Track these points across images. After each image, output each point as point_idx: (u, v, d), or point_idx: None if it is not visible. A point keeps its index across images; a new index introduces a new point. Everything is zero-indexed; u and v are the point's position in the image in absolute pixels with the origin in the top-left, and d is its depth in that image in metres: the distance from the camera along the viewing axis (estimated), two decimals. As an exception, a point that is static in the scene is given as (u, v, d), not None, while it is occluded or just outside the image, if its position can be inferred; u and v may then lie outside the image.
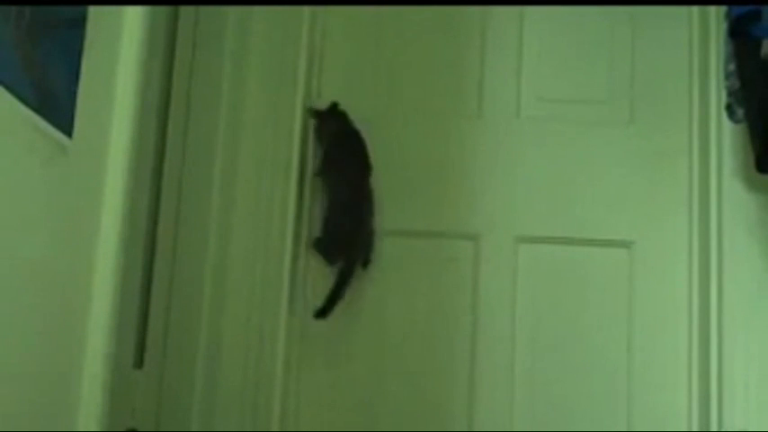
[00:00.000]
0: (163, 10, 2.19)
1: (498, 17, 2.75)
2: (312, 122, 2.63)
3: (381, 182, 2.65)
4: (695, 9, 2.68)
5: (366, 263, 2.60)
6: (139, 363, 2.16)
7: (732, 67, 2.36)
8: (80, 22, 1.52)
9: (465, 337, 2.60)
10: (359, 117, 2.65)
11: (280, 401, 2.50)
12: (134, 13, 1.71)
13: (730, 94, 2.39)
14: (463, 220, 2.66)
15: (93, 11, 1.55)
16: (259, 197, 2.47)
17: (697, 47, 2.66)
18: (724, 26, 2.38)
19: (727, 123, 2.48)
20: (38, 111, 1.39)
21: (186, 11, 2.34)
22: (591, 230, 2.63)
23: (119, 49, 1.68)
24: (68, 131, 1.50)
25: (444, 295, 2.63)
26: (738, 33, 2.29)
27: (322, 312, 2.52)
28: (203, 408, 2.28)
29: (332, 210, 2.58)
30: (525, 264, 2.63)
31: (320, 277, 2.60)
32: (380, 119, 2.69)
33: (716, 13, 2.55)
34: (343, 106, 2.66)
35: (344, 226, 2.57)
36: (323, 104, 2.64)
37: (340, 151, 2.61)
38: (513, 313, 2.60)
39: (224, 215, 2.37)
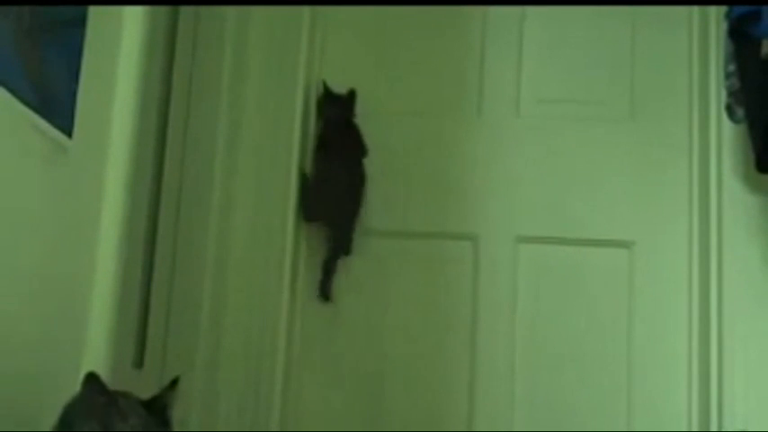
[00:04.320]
0: (163, 10, 2.19)
1: (498, 17, 2.75)
2: (318, 99, 2.66)
3: (381, 182, 2.65)
4: (695, 9, 2.68)
5: (347, 251, 2.61)
6: (139, 363, 2.15)
7: (732, 67, 2.37)
8: (80, 22, 1.53)
9: (465, 337, 2.60)
10: (359, 117, 2.66)
11: (280, 402, 2.50)
12: (134, 13, 1.71)
13: (730, 94, 2.40)
14: (463, 221, 2.66)
15: (93, 11, 1.55)
16: (259, 197, 2.47)
17: (697, 47, 2.66)
18: (724, 26, 2.38)
19: (727, 123, 2.48)
20: (38, 111, 1.39)
21: (186, 11, 2.33)
22: (591, 230, 2.63)
23: (119, 49, 1.68)
24: (68, 131, 1.50)
25: (444, 296, 2.63)
26: (738, 33, 2.29)
27: (323, 293, 2.57)
28: (203, 408, 2.28)
29: (317, 177, 2.60)
30: (525, 264, 2.63)
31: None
32: (380, 119, 2.69)
33: (716, 14, 2.55)
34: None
35: (328, 186, 2.59)
36: (340, 88, 2.64)
37: (333, 135, 2.63)
38: (513, 313, 2.60)
39: (224, 215, 2.37)
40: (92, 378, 1.23)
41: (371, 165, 2.64)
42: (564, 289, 2.61)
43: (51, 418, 1.24)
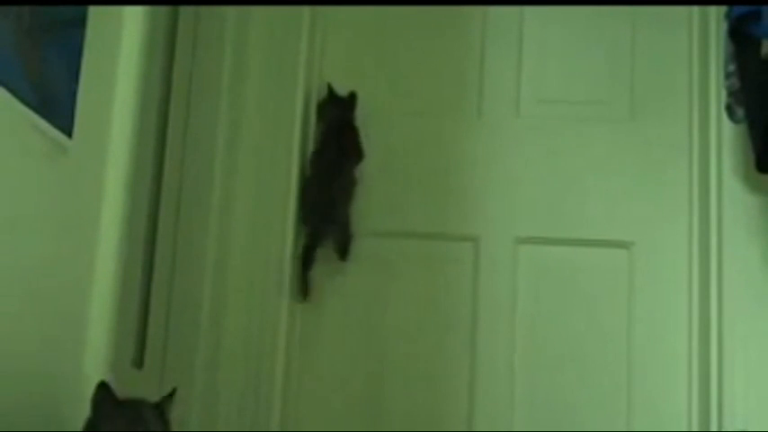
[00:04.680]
0: (163, 10, 2.19)
1: (498, 17, 2.75)
2: (319, 102, 2.66)
3: (381, 183, 2.65)
4: (695, 9, 2.68)
5: (343, 254, 2.60)
6: (139, 363, 2.15)
7: (732, 67, 2.37)
8: (80, 22, 1.53)
9: (465, 337, 2.60)
10: (359, 117, 2.66)
11: (280, 402, 2.50)
12: (134, 13, 1.71)
13: (730, 94, 2.40)
14: (463, 222, 2.66)
15: (93, 11, 1.55)
16: (259, 197, 2.47)
17: (697, 47, 2.66)
18: (724, 26, 2.39)
19: (727, 123, 2.48)
20: (38, 111, 1.39)
21: (186, 11, 2.34)
22: (591, 231, 2.63)
23: (119, 49, 1.68)
24: (68, 131, 1.50)
25: (444, 296, 2.63)
26: (738, 33, 2.29)
27: (302, 294, 2.54)
28: (203, 408, 2.28)
29: (307, 181, 2.59)
30: (525, 265, 2.63)
31: (322, 278, 2.60)
32: (380, 119, 2.69)
33: (716, 14, 2.56)
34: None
35: (310, 192, 2.57)
36: (342, 91, 2.64)
37: (332, 137, 2.62)
38: (513, 314, 2.60)
39: (224, 215, 2.37)
40: (104, 389, 1.25)
41: (372, 165, 2.64)
42: (563, 289, 2.61)
43: (51, 418, 1.24)
